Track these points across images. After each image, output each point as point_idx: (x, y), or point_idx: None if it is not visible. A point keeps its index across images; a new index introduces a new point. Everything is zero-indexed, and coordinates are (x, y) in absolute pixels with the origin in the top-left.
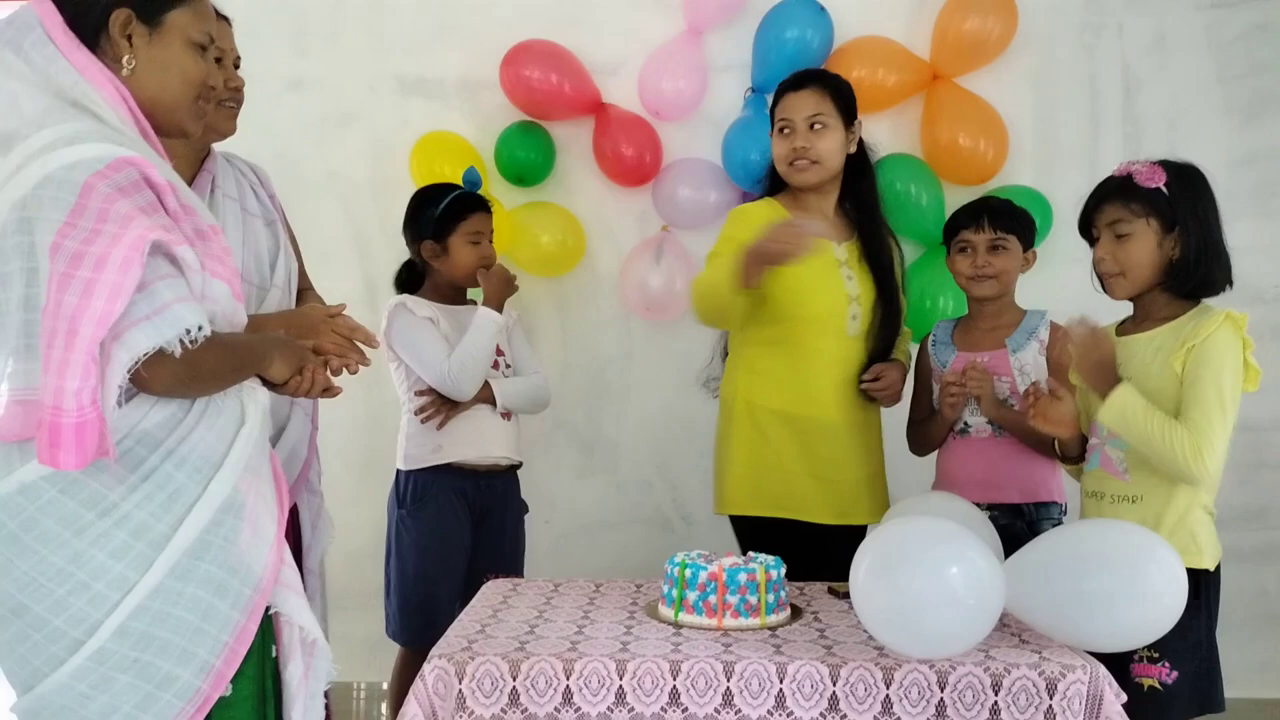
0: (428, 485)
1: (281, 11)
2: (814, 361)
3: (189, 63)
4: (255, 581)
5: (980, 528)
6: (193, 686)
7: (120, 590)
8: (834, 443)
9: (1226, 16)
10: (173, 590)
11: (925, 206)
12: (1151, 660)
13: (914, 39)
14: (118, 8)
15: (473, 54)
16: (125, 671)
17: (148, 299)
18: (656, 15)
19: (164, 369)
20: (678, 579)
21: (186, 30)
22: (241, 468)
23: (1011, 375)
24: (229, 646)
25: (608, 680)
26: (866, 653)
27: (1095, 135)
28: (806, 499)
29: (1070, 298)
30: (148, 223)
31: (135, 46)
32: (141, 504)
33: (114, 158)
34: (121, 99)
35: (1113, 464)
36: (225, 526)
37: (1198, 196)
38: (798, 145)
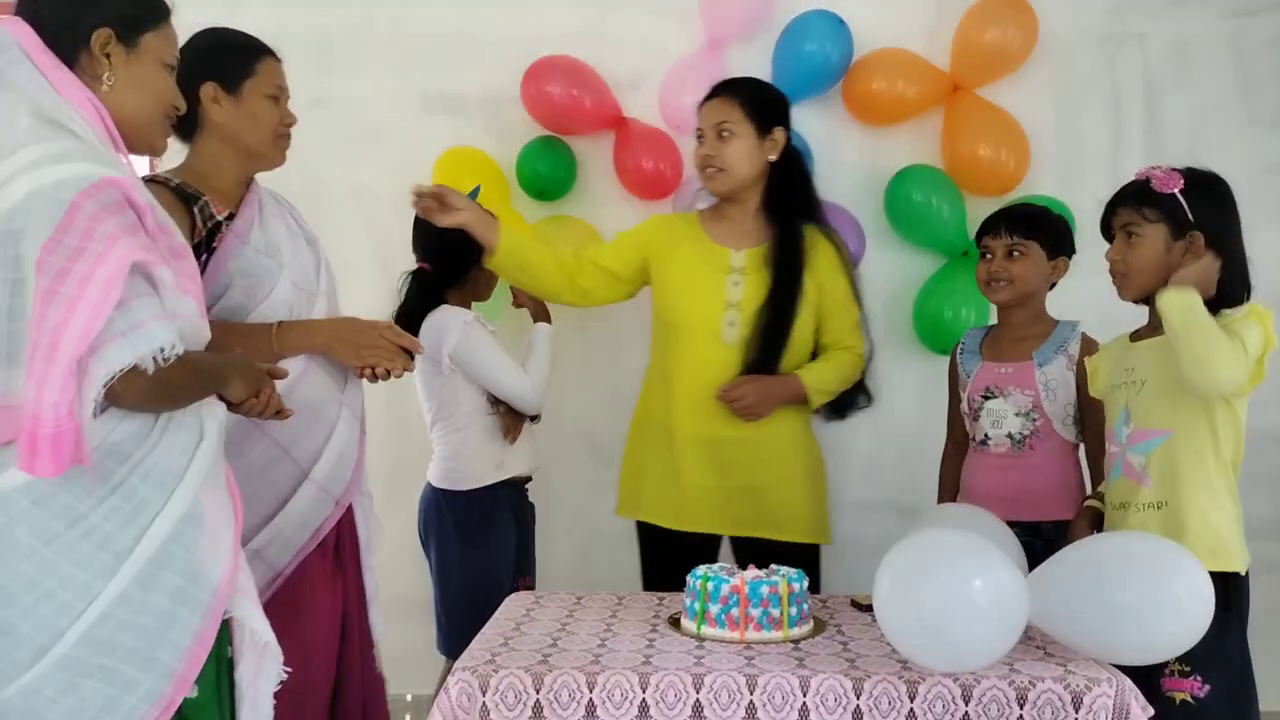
0: (490, 503)
1: (305, 30)
2: (684, 366)
3: (162, 82)
4: (213, 588)
5: (1004, 540)
6: (156, 690)
7: (85, 599)
8: (694, 448)
9: (1249, 26)
10: (136, 598)
11: (947, 218)
12: (1183, 674)
13: (934, 50)
14: (100, 27)
15: (494, 70)
16: (90, 677)
17: (125, 316)
18: (677, 29)
19: (137, 384)
20: (700, 592)
21: (160, 52)
22: (201, 480)
23: (1036, 389)
24: (190, 651)
25: (631, 693)
26: (890, 666)
27: (1117, 145)
28: (659, 502)
29: (1093, 307)
30: (131, 243)
31: (114, 65)
32: (108, 516)
33: (99, 178)
34: (99, 116)
35: (1134, 470)
36: (186, 536)
37: (1214, 205)
38: (705, 153)
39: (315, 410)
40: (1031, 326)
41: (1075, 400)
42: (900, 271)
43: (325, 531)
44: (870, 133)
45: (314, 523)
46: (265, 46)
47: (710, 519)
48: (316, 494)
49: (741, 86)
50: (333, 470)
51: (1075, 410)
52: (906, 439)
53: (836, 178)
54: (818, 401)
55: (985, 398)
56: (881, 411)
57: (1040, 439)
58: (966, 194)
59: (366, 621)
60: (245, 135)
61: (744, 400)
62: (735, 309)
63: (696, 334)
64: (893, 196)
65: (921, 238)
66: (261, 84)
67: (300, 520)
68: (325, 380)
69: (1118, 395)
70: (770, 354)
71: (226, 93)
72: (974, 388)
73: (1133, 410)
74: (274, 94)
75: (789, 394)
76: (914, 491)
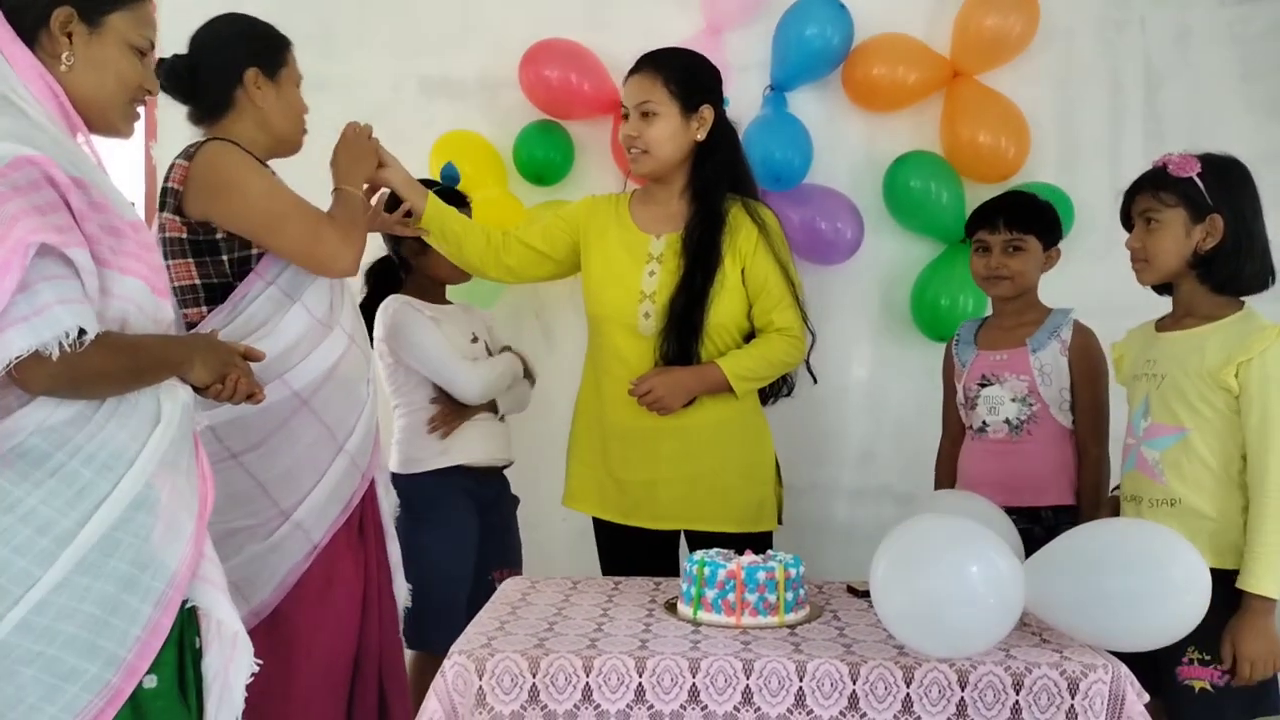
0: (435, 488)
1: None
2: (607, 358)
3: (125, 65)
4: (168, 576)
5: (1001, 526)
6: (101, 679)
7: (23, 585)
8: (621, 441)
9: (1250, 12)
10: (79, 585)
11: (946, 204)
12: (1203, 662)
13: (934, 36)
14: (60, 5)
15: (492, 54)
16: (29, 665)
17: (28, 300)
18: (676, 14)
19: (39, 370)
20: (696, 577)
21: (126, 34)
22: (155, 465)
23: (1031, 374)
24: (140, 640)
25: (627, 677)
26: (886, 651)
27: (1117, 132)
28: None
29: (1093, 294)
30: (36, 223)
31: (75, 44)
32: (46, 500)
33: (14, 156)
34: (52, 94)
35: (1148, 465)
36: (136, 523)
37: (1233, 187)
38: (627, 133)
39: (352, 386)
40: (1025, 314)
41: (1069, 386)
42: (898, 258)
43: (354, 505)
44: (870, 118)
45: (344, 495)
46: (286, 36)
47: (643, 512)
48: (348, 466)
49: (665, 61)
50: (361, 443)
51: (1070, 395)
52: (903, 426)
53: (835, 163)
54: (743, 389)
55: (982, 385)
56: (878, 398)
57: (1037, 424)
58: (966, 180)
59: (389, 589)
60: (280, 122)
61: (651, 395)
62: (650, 299)
63: (615, 326)
64: (892, 182)
65: (920, 224)
66: (292, 72)
67: (331, 492)
68: (360, 358)
69: (1139, 386)
70: (684, 345)
71: (268, 80)
72: (970, 376)
73: (1152, 403)
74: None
75: (705, 384)
76: (911, 478)
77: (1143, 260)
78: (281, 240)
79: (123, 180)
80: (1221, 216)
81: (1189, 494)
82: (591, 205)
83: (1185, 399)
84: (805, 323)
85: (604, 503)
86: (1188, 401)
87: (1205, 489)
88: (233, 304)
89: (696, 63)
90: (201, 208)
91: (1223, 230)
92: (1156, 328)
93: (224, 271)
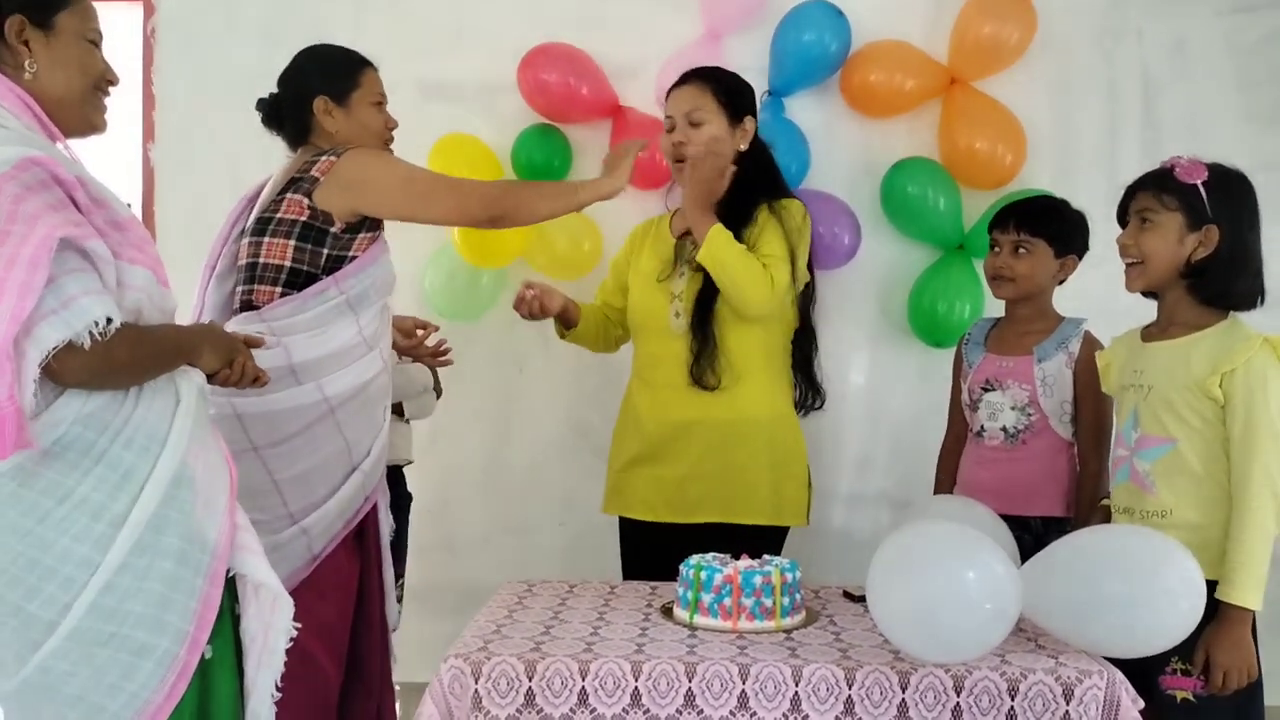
0: None
1: (303, 17)
2: (644, 365)
3: (86, 58)
4: (212, 548)
5: (997, 533)
6: (171, 653)
7: (87, 571)
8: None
9: (1247, 22)
10: (138, 565)
11: (943, 210)
12: (1185, 672)
13: (932, 43)
14: (8, 15)
15: (490, 57)
16: (104, 646)
17: (55, 293)
18: (675, 18)
19: (75, 360)
20: (693, 581)
21: (79, 30)
22: (186, 442)
23: (1033, 384)
24: (197, 613)
25: (623, 681)
26: (882, 656)
27: (1114, 140)
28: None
29: (1092, 301)
30: (56, 219)
31: (34, 50)
32: (97, 486)
33: (20, 158)
34: (25, 106)
35: (1140, 477)
36: (179, 499)
37: (1234, 202)
38: (677, 140)
39: (375, 408)
40: (1036, 322)
41: (1072, 398)
42: (895, 264)
43: (355, 521)
44: (867, 124)
45: (350, 511)
46: (365, 58)
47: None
48: (361, 484)
49: (713, 74)
50: (374, 465)
51: (1072, 408)
52: (900, 431)
53: (833, 169)
54: (705, 253)
55: (985, 390)
56: (875, 404)
57: (1034, 434)
58: (963, 187)
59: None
60: (355, 142)
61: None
62: (679, 299)
63: (650, 332)
64: (889, 189)
65: (917, 230)
66: (366, 94)
67: (342, 508)
68: (387, 385)
69: (1127, 397)
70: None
71: (337, 105)
72: (975, 379)
73: (1140, 415)
74: (378, 101)
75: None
76: (907, 484)
77: (1133, 260)
78: (435, 210)
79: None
80: (1218, 229)
81: (1180, 505)
82: (631, 237)
83: (1173, 409)
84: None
85: (639, 502)
86: (1175, 412)
87: (1195, 500)
88: (304, 297)
89: (739, 78)
90: (337, 199)
91: (1217, 243)
92: (1143, 337)
93: (317, 263)
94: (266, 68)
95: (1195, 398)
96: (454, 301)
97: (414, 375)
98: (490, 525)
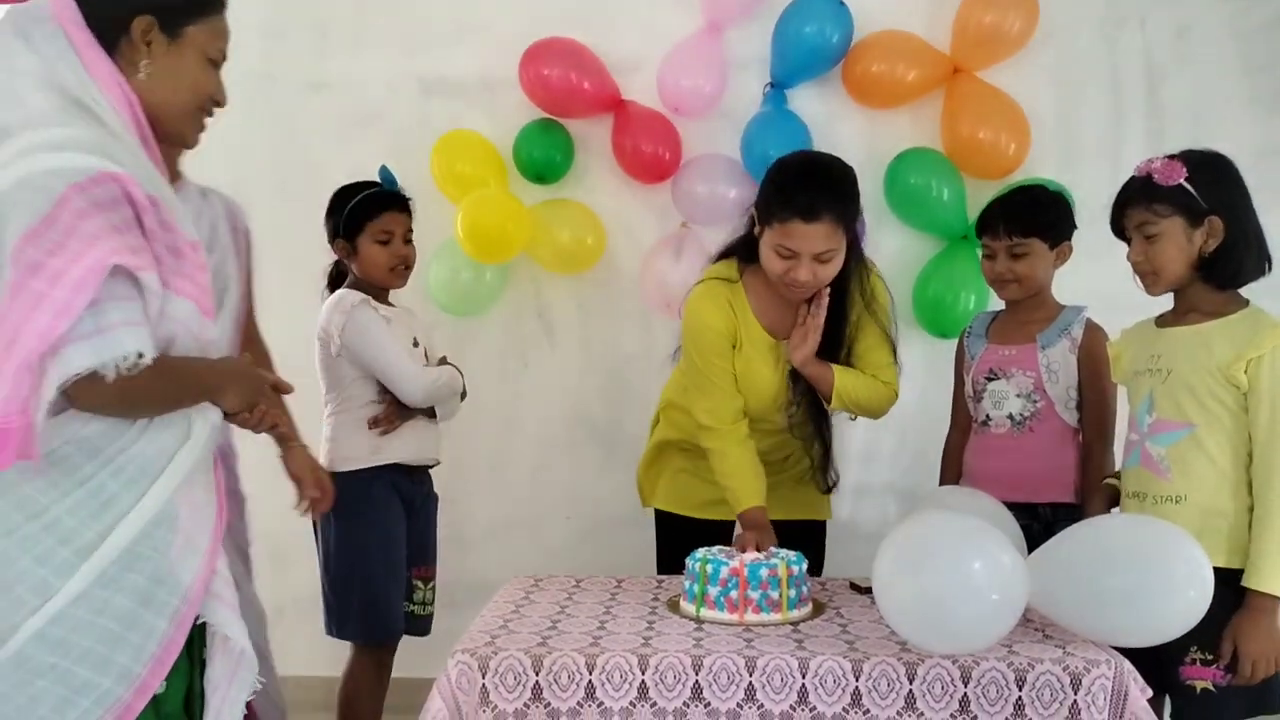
0: (367, 486)
1: (303, 14)
2: None
3: (201, 76)
4: (183, 592)
5: (1003, 523)
6: (113, 694)
7: (41, 596)
8: None
9: (1249, 7)
10: (97, 598)
11: (947, 201)
12: (1205, 662)
13: (934, 33)
14: (141, 14)
15: (492, 53)
16: (43, 676)
17: (95, 317)
18: (675, 11)
19: (93, 390)
20: (699, 574)
21: (204, 46)
22: (179, 481)
23: (1038, 371)
24: (155, 656)
25: (630, 675)
26: (889, 648)
27: (1118, 128)
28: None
29: (1094, 291)
30: (114, 244)
31: (153, 54)
32: (72, 510)
33: (96, 171)
34: (128, 104)
35: (1154, 461)
36: (156, 538)
37: (1221, 184)
38: (803, 279)
39: None
40: (1037, 310)
41: (1077, 384)
42: (900, 255)
43: None
44: (870, 115)
45: None
46: None
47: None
48: None
49: (838, 201)
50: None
51: (1077, 394)
52: (906, 423)
53: None
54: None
55: (989, 379)
56: None
57: (1041, 421)
58: (966, 177)
59: None
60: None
61: None
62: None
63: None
64: (893, 179)
65: (921, 221)
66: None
67: None
68: None
69: (1141, 382)
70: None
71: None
72: (978, 370)
73: (1156, 399)
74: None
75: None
76: (913, 475)
77: (1149, 274)
78: None
79: None
80: (1219, 216)
81: (1195, 491)
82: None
83: (1193, 394)
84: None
85: (681, 497)
86: (1196, 397)
87: (1212, 486)
88: None
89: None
90: None
91: (1223, 229)
92: (1157, 323)
93: None
94: (268, 66)
95: (1217, 383)
96: (458, 297)
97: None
98: (496, 520)
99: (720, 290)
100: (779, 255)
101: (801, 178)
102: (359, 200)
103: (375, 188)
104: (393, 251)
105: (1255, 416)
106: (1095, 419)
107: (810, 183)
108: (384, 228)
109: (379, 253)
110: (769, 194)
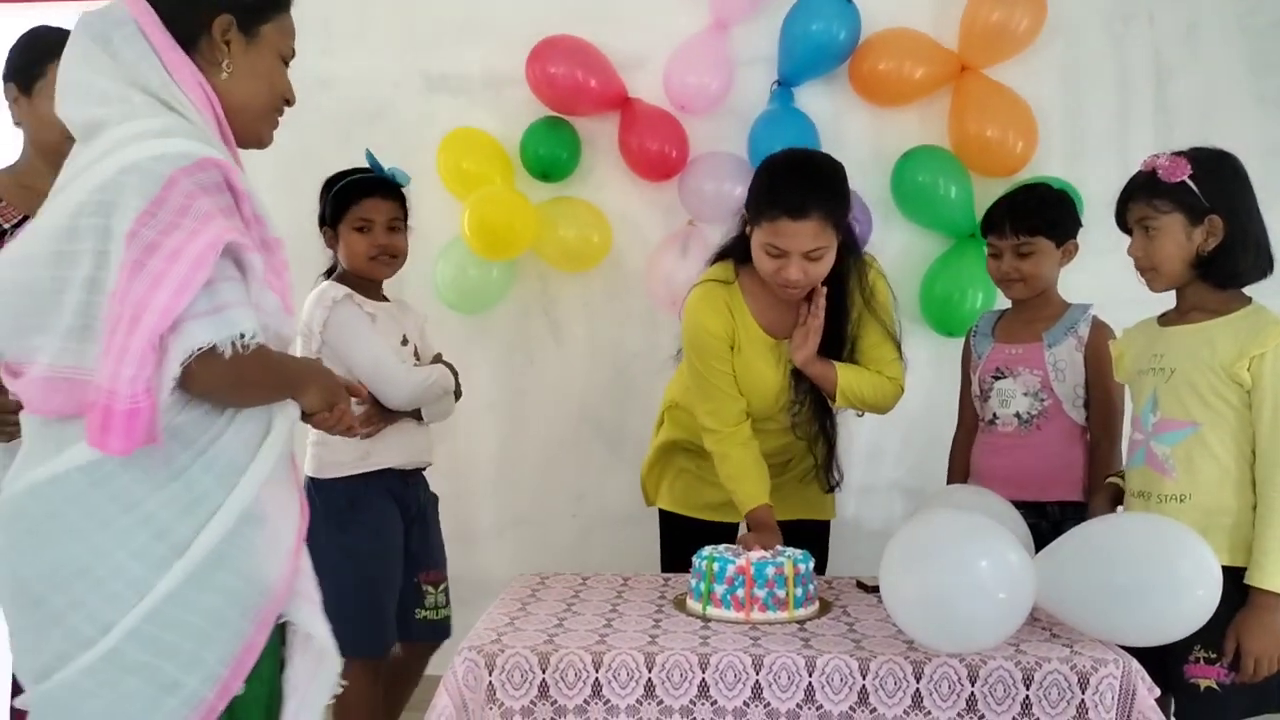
0: (359, 492)
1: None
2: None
3: (277, 74)
4: (268, 591)
5: (1010, 521)
6: (199, 695)
7: (137, 593)
8: None
9: (1258, 6)
10: (189, 597)
11: (954, 199)
12: (1209, 661)
13: (941, 30)
14: (222, 13)
15: (498, 50)
16: (134, 674)
17: (210, 295)
18: (682, 9)
19: (212, 368)
20: (705, 573)
21: (277, 44)
22: (265, 475)
23: (1045, 369)
24: (237, 657)
25: (636, 673)
26: (896, 646)
27: (1126, 126)
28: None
29: (1102, 289)
30: (226, 224)
31: (233, 53)
32: (166, 504)
33: (200, 156)
34: (209, 103)
35: (1158, 460)
36: (244, 535)
37: (1225, 184)
38: (794, 278)
39: None
40: (1043, 309)
41: (1084, 382)
42: (907, 252)
43: None
44: (877, 113)
45: None
46: None
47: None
48: None
49: (828, 197)
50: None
51: (1085, 392)
52: (912, 421)
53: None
54: (841, 403)
55: (995, 378)
56: None
57: (1048, 420)
58: (974, 175)
59: None
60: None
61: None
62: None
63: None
64: (900, 177)
65: (929, 219)
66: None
67: None
68: None
69: (1145, 381)
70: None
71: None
72: (985, 369)
73: (1160, 397)
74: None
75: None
76: (919, 474)
77: (1149, 269)
78: None
79: None
80: (1220, 216)
81: (1199, 490)
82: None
83: (1197, 392)
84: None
85: (685, 499)
86: (1199, 395)
87: (1217, 485)
88: None
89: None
90: None
91: (1223, 229)
92: (1160, 323)
93: None
94: None
95: (1220, 381)
96: (465, 294)
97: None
98: (502, 518)
99: (717, 293)
100: (769, 254)
101: (788, 175)
102: (340, 187)
103: (357, 175)
104: (371, 240)
105: (1259, 414)
106: (1102, 416)
107: (797, 180)
108: (363, 215)
109: (358, 240)
110: (757, 193)
